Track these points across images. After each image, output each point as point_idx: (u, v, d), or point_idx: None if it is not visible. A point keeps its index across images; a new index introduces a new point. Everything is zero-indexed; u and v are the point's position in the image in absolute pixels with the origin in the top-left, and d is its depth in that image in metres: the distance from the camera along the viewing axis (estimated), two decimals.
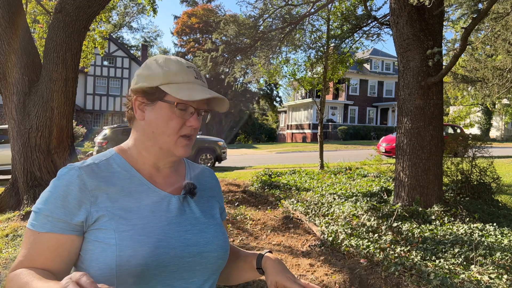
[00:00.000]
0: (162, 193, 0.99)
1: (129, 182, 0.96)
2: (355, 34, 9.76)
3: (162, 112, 0.96)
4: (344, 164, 10.99)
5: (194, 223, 0.98)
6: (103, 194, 0.91)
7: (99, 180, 0.92)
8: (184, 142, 0.98)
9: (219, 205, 1.12)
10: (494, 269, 3.35)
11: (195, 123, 0.97)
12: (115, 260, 0.85)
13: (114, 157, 1.00)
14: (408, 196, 5.32)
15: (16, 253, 4.14)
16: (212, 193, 1.12)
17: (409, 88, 5.33)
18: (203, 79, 1.03)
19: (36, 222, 0.88)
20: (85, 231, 0.90)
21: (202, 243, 0.96)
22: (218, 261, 0.99)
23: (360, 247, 3.95)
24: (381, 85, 35.71)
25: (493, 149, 7.06)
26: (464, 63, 9.76)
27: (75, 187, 0.89)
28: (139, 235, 0.88)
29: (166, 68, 0.97)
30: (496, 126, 31.54)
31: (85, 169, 0.93)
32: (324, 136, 22.43)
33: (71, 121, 5.68)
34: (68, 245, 0.88)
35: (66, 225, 0.88)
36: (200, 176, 1.13)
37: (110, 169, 0.97)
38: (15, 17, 5.28)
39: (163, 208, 0.96)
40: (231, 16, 10.02)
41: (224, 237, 1.02)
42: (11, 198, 5.56)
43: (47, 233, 0.87)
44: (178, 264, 0.92)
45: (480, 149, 6.37)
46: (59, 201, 0.88)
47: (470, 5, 4.37)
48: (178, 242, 0.93)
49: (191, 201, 1.02)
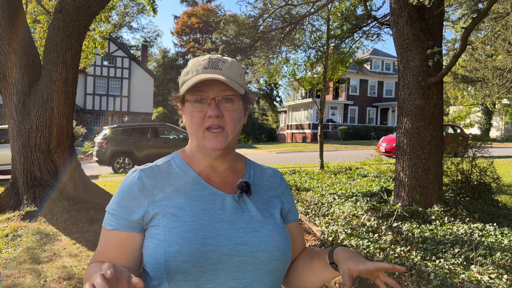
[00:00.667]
0: (216, 191, 0.99)
1: (185, 181, 1.00)
2: (355, 34, 9.75)
3: (187, 111, 1.00)
4: (344, 164, 10.99)
5: (249, 222, 0.97)
6: (160, 193, 0.96)
7: (157, 181, 0.98)
8: (211, 134, 0.97)
9: (281, 205, 1.08)
10: (494, 269, 3.35)
11: (211, 112, 0.96)
12: (163, 256, 0.89)
13: (175, 158, 1.06)
14: (408, 196, 5.31)
15: (16, 253, 4.14)
16: (275, 193, 1.09)
17: (409, 88, 5.33)
18: (219, 66, 0.99)
19: (106, 220, 0.98)
20: (145, 229, 0.96)
21: (254, 242, 0.94)
22: (273, 262, 0.95)
23: (360, 247, 3.95)
24: (381, 85, 35.71)
25: (493, 149, 7.06)
26: (464, 63, 9.76)
27: (136, 188, 0.96)
28: (188, 231, 0.90)
29: (183, 71, 1.03)
30: (496, 126, 31.55)
31: (146, 171, 1.00)
32: (324, 136, 22.43)
33: (71, 121, 5.68)
34: (130, 241, 0.95)
35: (127, 222, 0.95)
36: (261, 176, 1.11)
37: (169, 169, 1.02)
38: (15, 17, 5.28)
39: (216, 206, 0.97)
40: (231, 16, 10.02)
41: (281, 238, 0.98)
42: (11, 198, 5.55)
43: (113, 230, 0.96)
44: (228, 263, 0.91)
45: (480, 149, 6.37)
46: (122, 201, 0.96)
47: (470, 5, 4.37)
48: (227, 240, 0.92)
49: (247, 200, 1.01)
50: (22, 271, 3.69)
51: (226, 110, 0.97)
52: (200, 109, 0.97)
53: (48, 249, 4.26)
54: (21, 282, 3.46)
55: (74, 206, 5.21)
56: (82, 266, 3.83)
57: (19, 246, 4.35)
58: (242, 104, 1.03)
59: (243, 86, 1.01)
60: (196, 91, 0.97)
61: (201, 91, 0.97)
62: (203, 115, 0.97)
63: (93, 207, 5.40)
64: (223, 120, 0.97)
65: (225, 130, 0.98)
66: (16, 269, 3.73)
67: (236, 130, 1.00)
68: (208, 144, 0.97)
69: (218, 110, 0.96)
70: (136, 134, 12.65)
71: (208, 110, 0.96)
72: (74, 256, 4.09)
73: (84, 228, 4.84)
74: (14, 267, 3.77)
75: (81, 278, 3.57)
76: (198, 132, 0.98)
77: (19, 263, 3.88)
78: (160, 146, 12.53)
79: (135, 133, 12.68)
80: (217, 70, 0.98)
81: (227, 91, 0.97)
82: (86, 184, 5.84)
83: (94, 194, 5.84)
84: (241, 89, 0.98)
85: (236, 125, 1.00)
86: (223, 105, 0.97)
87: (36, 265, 3.84)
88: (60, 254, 4.13)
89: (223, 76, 0.96)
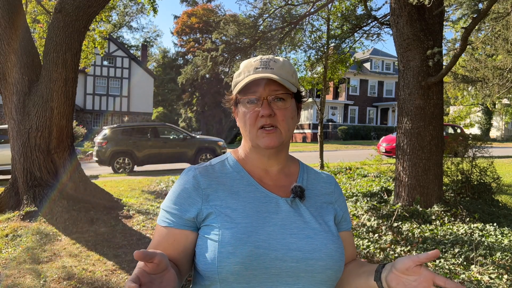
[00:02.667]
0: (270, 194, 0.99)
1: (238, 182, 1.00)
2: (355, 34, 9.75)
3: (240, 112, 1.01)
4: (344, 164, 10.98)
5: (302, 228, 0.95)
6: (214, 193, 0.97)
7: (211, 180, 0.99)
8: (264, 133, 0.97)
9: (335, 212, 1.05)
10: (494, 269, 3.35)
11: (263, 111, 0.96)
12: (216, 256, 0.89)
13: (229, 159, 1.06)
14: (408, 196, 5.31)
15: (16, 253, 4.14)
16: (328, 199, 1.07)
17: (409, 88, 5.32)
18: (270, 66, 0.99)
19: (160, 217, 0.98)
20: (199, 228, 0.96)
21: (307, 249, 0.92)
22: (326, 271, 0.92)
23: (360, 247, 3.95)
24: (381, 85, 35.69)
25: (493, 149, 7.06)
26: (464, 63, 9.76)
27: (190, 186, 0.97)
28: (241, 233, 0.90)
29: (235, 73, 1.04)
30: (496, 126, 31.54)
31: (201, 170, 1.00)
32: (324, 136, 22.41)
33: (71, 121, 5.68)
34: (183, 239, 0.95)
35: (180, 220, 0.95)
36: (315, 181, 1.09)
37: (223, 170, 1.02)
38: (15, 17, 5.28)
39: (270, 210, 0.96)
40: (231, 16, 10.02)
41: (335, 247, 0.95)
42: (11, 198, 5.55)
43: (166, 227, 0.96)
44: (280, 268, 0.89)
45: (480, 149, 6.37)
46: (176, 199, 0.97)
47: (470, 5, 4.37)
48: (280, 245, 0.91)
49: (301, 205, 0.99)
50: (22, 271, 3.69)
51: (278, 109, 0.97)
52: (253, 109, 0.98)
53: (48, 249, 4.26)
54: (21, 282, 3.46)
55: (74, 206, 5.21)
56: (82, 266, 3.83)
57: (19, 246, 4.34)
58: (294, 103, 1.02)
59: (295, 85, 1.01)
60: (248, 92, 0.98)
61: (253, 92, 0.97)
62: (256, 115, 0.97)
63: (93, 207, 5.40)
64: (276, 119, 0.97)
65: (278, 128, 0.98)
66: (16, 269, 3.73)
67: (290, 129, 1.00)
68: (262, 142, 0.97)
69: (271, 109, 0.96)
70: (136, 134, 12.64)
71: (261, 109, 0.96)
72: (74, 256, 4.09)
73: (84, 228, 4.84)
74: (14, 267, 3.77)
75: (81, 278, 3.57)
76: (252, 132, 0.98)
77: (19, 263, 3.88)
78: (160, 146, 12.53)
79: (135, 133, 12.67)
80: (269, 69, 0.98)
81: (279, 90, 0.97)
82: (86, 184, 5.84)
83: (94, 194, 5.84)
84: (293, 87, 0.98)
85: (289, 123, 0.99)
86: (275, 104, 0.97)
87: (36, 265, 3.83)
88: (60, 254, 4.13)
89: (275, 75, 0.96)
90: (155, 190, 8.28)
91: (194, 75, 9.83)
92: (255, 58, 1.02)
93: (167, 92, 47.52)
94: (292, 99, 1.01)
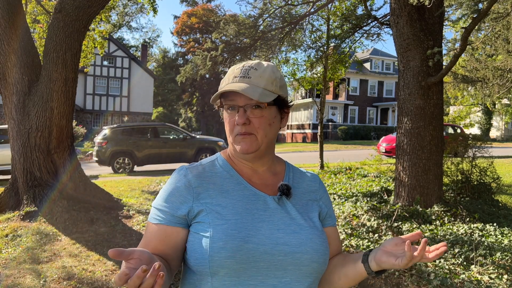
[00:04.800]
0: (258, 192, 1.04)
1: (228, 181, 1.04)
2: (355, 34, 9.75)
3: (224, 116, 1.06)
4: (344, 164, 10.98)
5: (289, 223, 1.00)
6: (204, 192, 1.01)
7: (202, 179, 1.02)
8: (240, 139, 1.01)
9: (320, 209, 1.11)
10: (494, 269, 3.35)
11: (238, 120, 1.00)
12: (208, 251, 0.93)
13: (218, 159, 1.10)
14: (408, 196, 5.31)
15: (16, 253, 4.14)
16: (313, 197, 1.12)
17: (409, 88, 5.33)
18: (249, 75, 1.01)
19: (151, 215, 1.02)
20: (189, 225, 1.00)
21: (294, 243, 0.97)
22: (312, 264, 0.98)
23: (360, 247, 3.95)
24: (381, 85, 35.70)
25: (493, 149, 7.06)
26: (464, 63, 9.76)
27: (182, 185, 1.01)
28: (231, 229, 0.94)
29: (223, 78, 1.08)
30: (496, 126, 31.54)
31: (192, 169, 1.04)
32: (324, 136, 22.41)
33: (71, 121, 5.68)
34: (174, 235, 0.99)
35: (172, 217, 0.99)
36: (301, 180, 1.14)
37: (213, 169, 1.06)
38: (15, 17, 5.28)
39: (258, 207, 1.01)
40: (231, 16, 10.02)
41: (320, 241, 1.01)
42: (10, 198, 5.55)
43: (157, 224, 1.00)
44: (269, 261, 0.94)
45: (480, 149, 6.37)
46: (168, 197, 1.01)
47: (470, 5, 4.37)
48: (268, 239, 0.95)
49: (287, 202, 1.04)
50: (22, 271, 3.69)
51: (254, 117, 1.00)
52: (232, 116, 1.02)
53: (48, 249, 4.26)
54: (21, 282, 3.46)
55: (74, 206, 5.21)
56: (82, 266, 3.83)
57: (19, 246, 4.34)
58: (275, 109, 1.04)
59: (275, 92, 1.02)
60: (227, 100, 1.02)
61: (231, 100, 1.01)
62: (234, 122, 1.02)
63: (93, 207, 5.40)
64: (252, 126, 1.00)
65: (253, 135, 1.01)
66: (16, 269, 3.73)
67: (267, 135, 1.03)
68: (239, 148, 1.02)
69: (245, 117, 1.00)
70: (136, 134, 12.64)
71: (236, 118, 1.01)
72: (74, 256, 4.09)
73: (84, 228, 4.84)
74: (14, 267, 3.77)
75: (81, 278, 3.57)
76: (230, 137, 1.04)
77: (19, 263, 3.88)
78: (160, 146, 12.53)
79: (135, 133, 12.67)
80: (246, 78, 1.01)
81: (253, 100, 0.99)
82: (86, 184, 5.84)
83: (94, 194, 5.84)
84: (268, 96, 1.00)
85: (266, 130, 1.02)
86: (252, 112, 1.00)
87: (36, 265, 3.83)
88: (60, 254, 4.13)
89: (249, 85, 0.99)
90: (155, 190, 8.29)
91: (194, 74, 9.82)
92: (240, 64, 1.05)
93: (167, 92, 47.52)
94: (272, 106, 1.03)
